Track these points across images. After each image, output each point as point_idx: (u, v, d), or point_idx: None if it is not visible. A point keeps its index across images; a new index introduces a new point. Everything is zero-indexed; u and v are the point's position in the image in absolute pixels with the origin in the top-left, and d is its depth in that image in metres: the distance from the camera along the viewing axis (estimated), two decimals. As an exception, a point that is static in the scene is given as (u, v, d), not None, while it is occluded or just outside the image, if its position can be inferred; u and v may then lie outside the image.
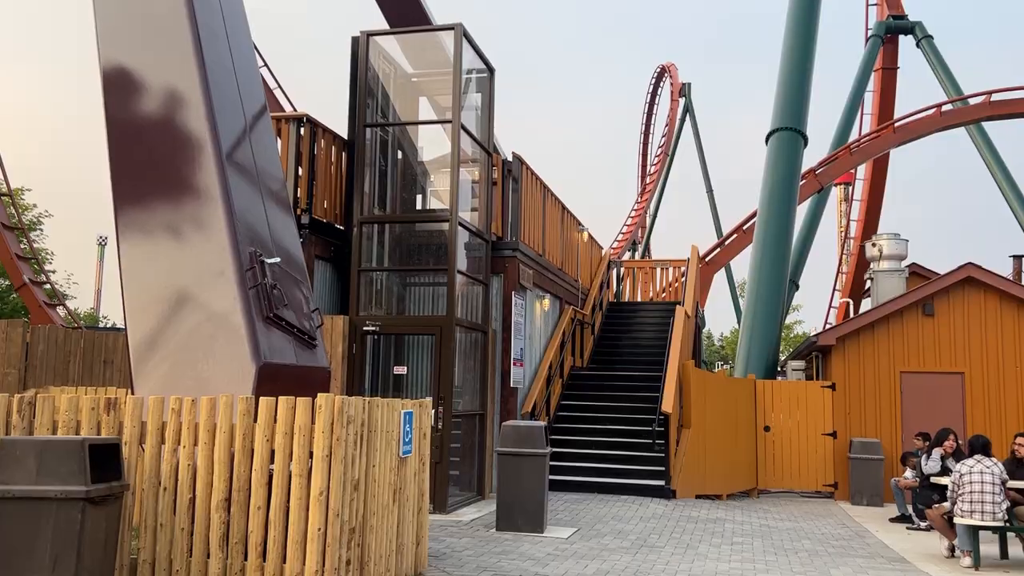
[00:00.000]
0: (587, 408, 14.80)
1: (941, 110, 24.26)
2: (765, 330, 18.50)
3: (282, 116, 11.41)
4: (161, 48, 7.27)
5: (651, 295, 21.40)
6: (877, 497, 13.96)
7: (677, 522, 10.56)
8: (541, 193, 14.70)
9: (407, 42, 12.97)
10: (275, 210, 7.66)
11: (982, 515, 8.40)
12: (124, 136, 7.16)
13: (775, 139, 20.32)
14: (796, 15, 21.17)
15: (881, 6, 30.27)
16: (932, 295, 15.13)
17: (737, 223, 23.85)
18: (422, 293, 12.67)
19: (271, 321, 6.79)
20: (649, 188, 36.59)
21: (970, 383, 14.82)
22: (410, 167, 13.09)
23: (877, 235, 19.72)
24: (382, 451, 6.25)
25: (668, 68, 42.01)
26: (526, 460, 9.34)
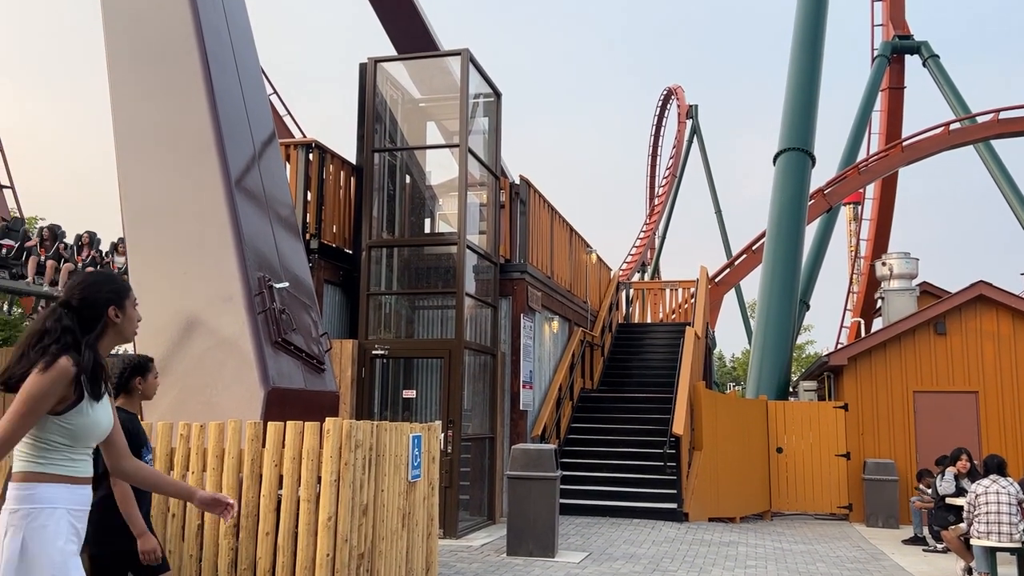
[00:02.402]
0: (598, 431, 14.72)
1: (949, 129, 24.25)
2: (776, 350, 18.41)
3: (291, 142, 11.50)
4: (171, 76, 7.36)
5: (661, 316, 21.35)
6: (892, 519, 13.80)
7: (690, 546, 10.45)
8: (549, 215, 14.73)
9: (414, 68, 13.08)
10: (284, 235, 7.70)
11: (999, 536, 8.29)
12: (134, 163, 7.23)
13: (783, 159, 20.34)
14: (802, 36, 21.27)
15: (887, 26, 30.37)
16: (944, 314, 15.04)
17: (746, 244, 23.82)
18: (431, 316, 12.67)
19: (280, 346, 6.80)
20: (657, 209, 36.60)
21: (984, 402, 14.68)
22: (418, 191, 13.16)
23: (887, 254, 19.66)
24: (391, 475, 6.22)
25: (675, 90, 42.17)
26: (536, 484, 9.28)
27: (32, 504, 2.59)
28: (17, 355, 2.66)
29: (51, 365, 2.59)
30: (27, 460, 2.64)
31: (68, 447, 2.67)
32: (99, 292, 2.80)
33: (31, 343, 2.67)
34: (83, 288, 2.79)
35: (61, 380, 2.59)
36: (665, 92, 43.27)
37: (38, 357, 2.62)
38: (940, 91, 29.30)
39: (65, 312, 2.73)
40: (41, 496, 2.60)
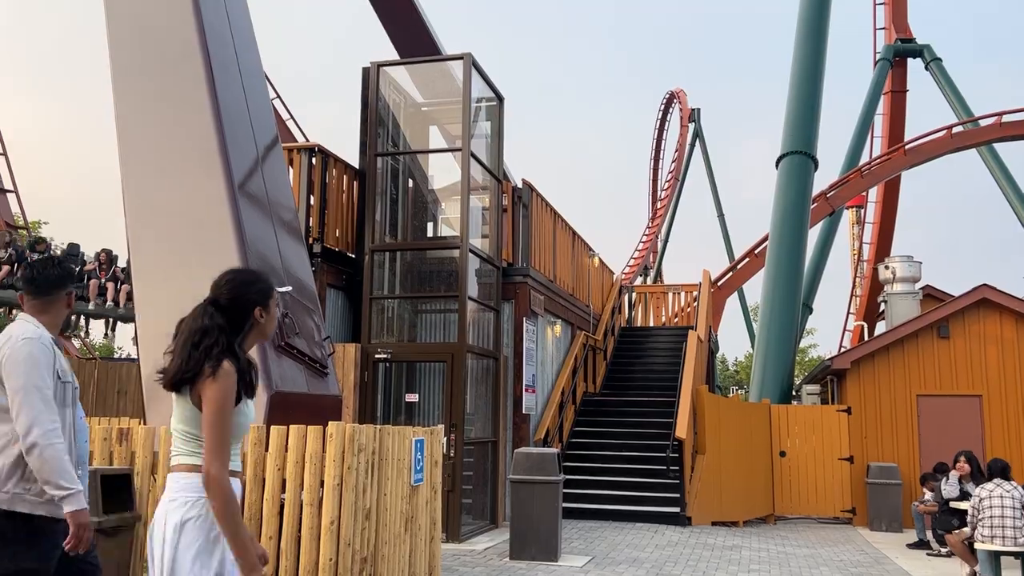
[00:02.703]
0: (600, 434, 14.71)
1: (952, 132, 24.23)
2: (779, 354, 18.39)
3: (294, 146, 11.52)
4: (174, 81, 7.38)
5: (663, 320, 21.34)
6: (896, 523, 13.77)
7: (693, 549, 10.44)
8: (551, 219, 14.74)
9: (417, 72, 13.11)
10: (287, 239, 7.71)
11: (1003, 540, 8.26)
12: (138, 168, 7.24)
13: (785, 163, 20.34)
14: (804, 39, 21.27)
15: (889, 30, 30.37)
16: (947, 317, 15.02)
17: (749, 247, 23.80)
18: (433, 320, 12.68)
19: (283, 350, 6.81)
20: (660, 213, 36.61)
21: (988, 405, 14.65)
22: (421, 195, 13.17)
23: (890, 257, 19.64)
24: (393, 479, 6.22)
25: (677, 94, 42.21)
26: (539, 487, 9.27)
27: (194, 492, 2.70)
28: (184, 355, 2.75)
29: (218, 370, 2.69)
30: (189, 454, 2.76)
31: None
32: (247, 292, 2.87)
33: (194, 341, 2.75)
34: (232, 287, 2.87)
35: (234, 381, 2.72)
36: (667, 96, 43.31)
37: (203, 357, 2.71)
38: (942, 94, 29.29)
39: (215, 311, 2.81)
40: (202, 487, 2.69)
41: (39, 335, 3.32)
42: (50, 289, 3.46)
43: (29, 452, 3.15)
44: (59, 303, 3.48)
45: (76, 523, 3.15)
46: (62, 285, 3.48)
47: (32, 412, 3.15)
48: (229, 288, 2.86)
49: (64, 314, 3.50)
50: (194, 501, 2.70)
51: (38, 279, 3.46)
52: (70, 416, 3.38)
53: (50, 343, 3.34)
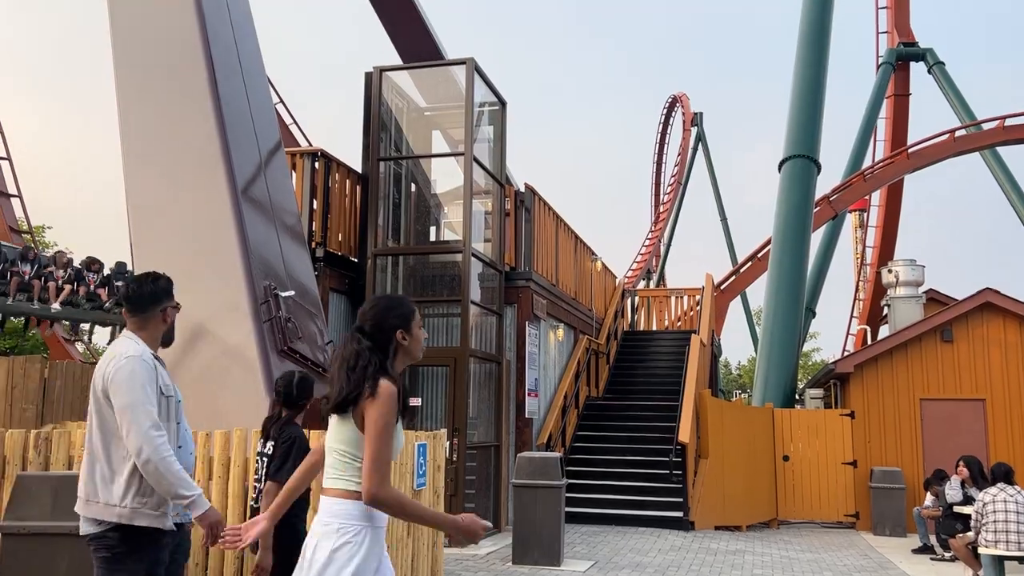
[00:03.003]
0: (603, 438, 14.70)
1: (955, 136, 24.22)
2: (782, 358, 18.37)
3: (297, 151, 11.54)
4: (178, 86, 7.40)
5: (666, 324, 21.32)
6: (900, 527, 13.73)
7: (696, 554, 10.42)
8: (554, 223, 14.75)
9: (420, 76, 13.13)
10: (289, 244, 7.73)
11: (1007, 545, 8.24)
12: (141, 173, 7.26)
13: (788, 167, 20.33)
14: (807, 43, 21.28)
15: (891, 34, 30.37)
16: (950, 321, 14.99)
17: (752, 251, 23.79)
18: (436, 324, 12.68)
19: (285, 354, 6.82)
20: (663, 217, 36.61)
21: (992, 409, 14.62)
22: (423, 199, 13.19)
23: (893, 261, 19.62)
24: (396, 484, 6.22)
25: (680, 98, 42.24)
26: (542, 492, 9.27)
27: (348, 520, 2.76)
28: (343, 378, 2.83)
29: (378, 390, 2.77)
30: (345, 478, 2.81)
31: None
32: (387, 318, 2.96)
33: (350, 365, 2.84)
34: (374, 314, 2.97)
35: (396, 402, 2.79)
36: (670, 100, 43.35)
37: (361, 378, 2.80)
38: (945, 98, 29.28)
39: (362, 336, 2.92)
40: (357, 513, 2.76)
41: (140, 352, 3.40)
42: (146, 306, 3.54)
43: (145, 468, 3.25)
44: (156, 319, 3.55)
45: (207, 523, 3.26)
46: (157, 301, 3.55)
47: (140, 429, 3.24)
48: (372, 315, 2.97)
49: (162, 329, 3.56)
50: (346, 528, 2.75)
51: (133, 296, 3.56)
52: (173, 429, 3.46)
53: (151, 359, 3.43)
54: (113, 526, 3.26)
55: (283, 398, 4.73)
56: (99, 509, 3.30)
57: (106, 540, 3.27)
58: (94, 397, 3.40)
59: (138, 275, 3.71)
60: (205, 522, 3.25)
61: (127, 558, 3.27)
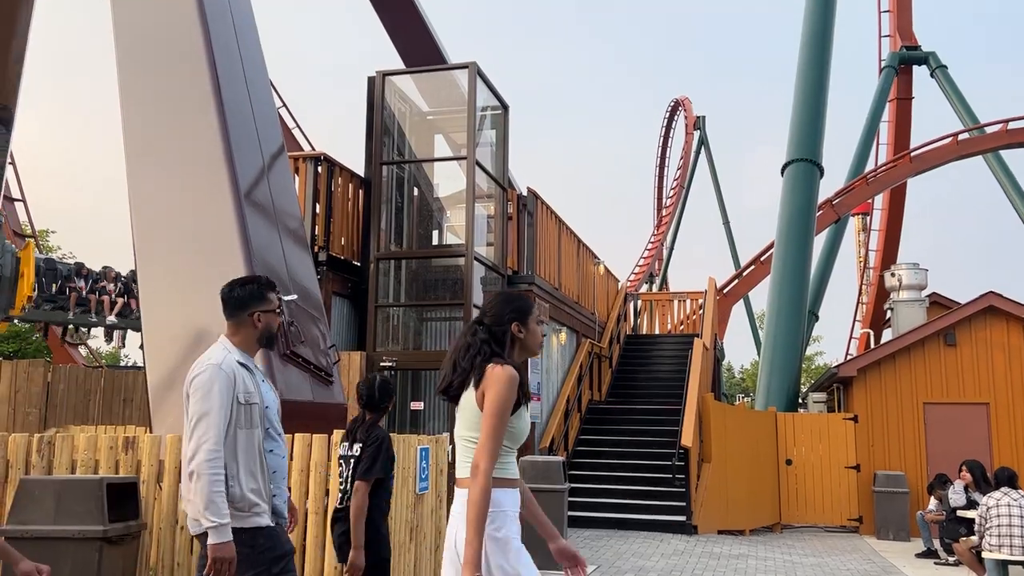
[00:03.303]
0: (606, 442, 14.68)
1: (957, 139, 24.19)
2: (785, 362, 18.34)
3: (300, 155, 11.57)
4: (181, 91, 7.42)
5: (669, 328, 21.31)
6: (903, 531, 13.69)
7: (699, 558, 10.40)
8: (556, 227, 14.75)
9: (422, 81, 13.16)
10: (292, 248, 7.74)
11: (1011, 549, 8.21)
12: (144, 177, 7.28)
13: (791, 170, 20.31)
14: (809, 46, 21.28)
15: (894, 37, 30.36)
16: (954, 325, 14.96)
17: (755, 254, 23.77)
18: (438, 328, 12.69)
19: (288, 358, 6.82)
20: (665, 221, 36.60)
21: (995, 413, 14.58)
22: (426, 203, 13.20)
23: (896, 265, 19.59)
24: (398, 488, 6.22)
25: (682, 102, 42.26)
26: (544, 496, 9.25)
27: (494, 507, 2.84)
28: (449, 367, 3.04)
29: (493, 373, 2.89)
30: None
31: (509, 450, 2.95)
32: (504, 311, 3.11)
33: (460, 355, 3.02)
34: (491, 307, 3.14)
35: (514, 384, 2.88)
36: (672, 103, 43.36)
37: (469, 366, 2.97)
38: (948, 101, 29.25)
39: (479, 328, 3.08)
40: (497, 500, 2.84)
41: (223, 360, 3.45)
42: (235, 310, 3.60)
43: (188, 475, 3.30)
44: (247, 323, 3.59)
45: (215, 555, 3.22)
46: (244, 306, 3.59)
47: (201, 440, 3.29)
48: (491, 308, 3.13)
49: (253, 334, 3.58)
50: (495, 514, 2.83)
51: (225, 300, 3.63)
52: (257, 436, 3.48)
53: (232, 368, 3.44)
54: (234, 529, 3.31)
55: (365, 401, 4.84)
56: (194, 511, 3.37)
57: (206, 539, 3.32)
58: (184, 399, 3.48)
59: (233, 279, 3.76)
60: (217, 553, 3.23)
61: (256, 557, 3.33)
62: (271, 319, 3.62)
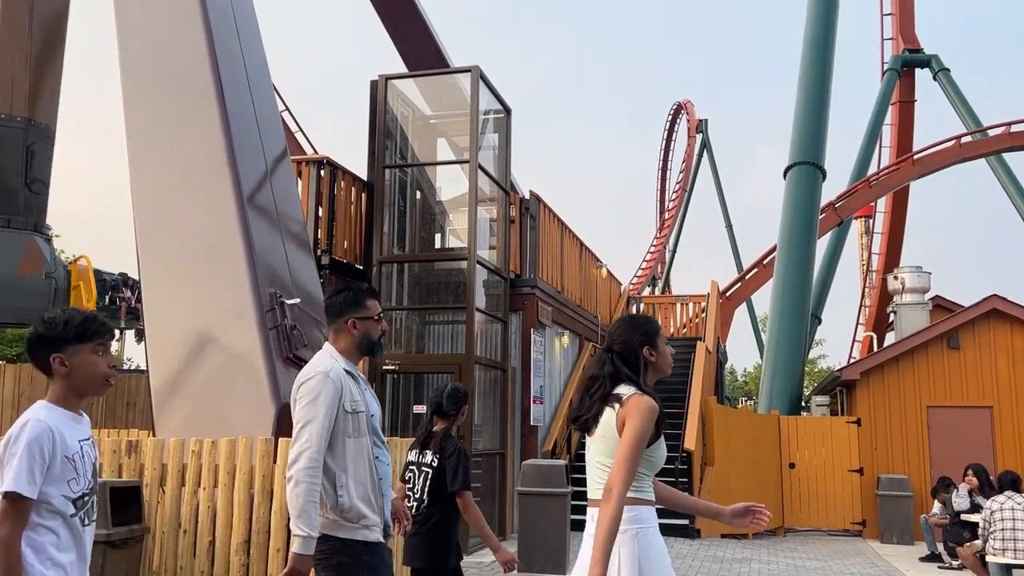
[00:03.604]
0: (609, 446, 14.65)
1: (960, 142, 24.17)
2: (788, 365, 18.31)
3: (303, 159, 11.58)
4: (185, 95, 7.43)
5: (672, 331, 21.29)
6: (907, 535, 13.66)
7: (703, 562, 10.39)
8: (559, 230, 14.75)
9: (425, 84, 13.17)
10: (295, 251, 7.74)
11: (1015, 553, 8.20)
12: (148, 181, 7.29)
13: (793, 174, 20.30)
14: (812, 49, 21.28)
15: (896, 40, 30.34)
16: (957, 328, 14.93)
17: (757, 257, 23.76)
18: (441, 331, 12.69)
19: (291, 362, 6.82)
20: (668, 223, 36.58)
21: (999, 417, 14.54)
22: (428, 207, 13.21)
23: (899, 268, 19.57)
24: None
25: (684, 105, 42.26)
26: (547, 500, 9.24)
27: (639, 524, 3.01)
28: (578, 399, 3.17)
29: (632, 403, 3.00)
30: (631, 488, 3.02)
31: (646, 476, 3.10)
32: (634, 336, 3.19)
33: (588, 388, 3.14)
34: (620, 334, 3.21)
35: (654, 416, 3.01)
36: (675, 107, 43.36)
37: (602, 397, 3.07)
38: (951, 105, 29.23)
39: (609, 357, 3.15)
40: (643, 517, 3.04)
41: (329, 368, 3.44)
42: (333, 317, 3.60)
43: (288, 480, 3.28)
44: (344, 330, 3.58)
45: (294, 565, 3.20)
46: (341, 313, 3.58)
47: (300, 446, 3.28)
48: (620, 335, 3.21)
49: (352, 341, 3.57)
50: (636, 531, 2.99)
51: (327, 308, 3.65)
52: (365, 444, 3.48)
53: (339, 376, 3.44)
54: (321, 536, 3.30)
55: (435, 408, 4.89)
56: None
57: (317, 548, 3.32)
58: (291, 403, 3.49)
59: (337, 287, 3.83)
60: (296, 564, 3.21)
61: (332, 569, 3.32)
62: (369, 326, 3.60)
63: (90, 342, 2.66)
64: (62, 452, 2.57)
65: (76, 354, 2.64)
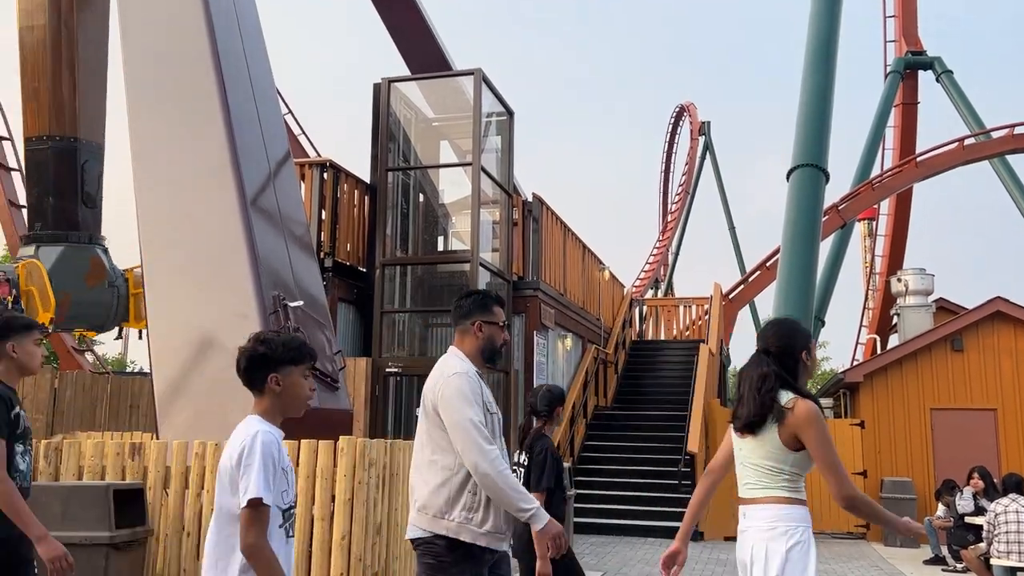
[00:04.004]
0: (612, 448, 14.65)
1: (964, 144, 24.13)
2: (791, 368, 18.28)
3: (306, 162, 11.61)
4: (188, 97, 7.45)
5: (675, 333, 21.28)
6: (911, 538, 13.61)
7: (706, 565, 10.37)
8: (562, 232, 14.75)
9: (428, 87, 13.19)
10: (298, 254, 7.75)
11: (1019, 556, 8.17)
12: (151, 183, 7.30)
13: (796, 176, 20.27)
14: (815, 51, 21.27)
15: (899, 42, 30.32)
16: (961, 330, 14.90)
17: (760, 260, 23.73)
18: (444, 334, 12.69)
19: (294, 364, 6.83)
20: (671, 226, 36.53)
21: (1003, 419, 14.50)
22: (431, 209, 13.22)
23: (903, 270, 19.54)
24: (405, 494, 6.22)
25: (687, 107, 42.23)
26: (550, 502, 9.23)
27: (795, 522, 3.18)
28: (752, 399, 3.20)
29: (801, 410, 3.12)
30: (776, 487, 3.24)
31: (801, 478, 3.28)
32: (794, 339, 3.30)
33: (757, 387, 3.19)
34: (778, 338, 3.30)
35: (822, 416, 3.18)
36: (677, 109, 43.34)
37: (769, 400, 3.16)
38: (954, 107, 29.19)
39: (767, 359, 3.24)
40: (798, 516, 3.21)
41: (466, 369, 3.46)
42: (460, 318, 3.62)
43: (484, 483, 3.27)
44: (470, 333, 3.58)
45: (548, 536, 3.26)
46: (468, 316, 3.59)
47: (475, 445, 3.27)
48: (777, 338, 3.28)
49: (477, 344, 3.55)
50: (794, 529, 3.15)
51: (453, 311, 3.67)
52: (497, 446, 3.49)
53: (475, 375, 3.46)
54: (440, 536, 3.32)
55: (531, 409, 4.96)
56: (428, 520, 3.36)
57: (433, 548, 3.34)
58: (424, 412, 3.48)
59: (462, 291, 3.83)
60: (546, 536, 3.24)
61: (450, 568, 3.32)
62: (494, 331, 3.58)
63: (301, 365, 2.86)
64: (280, 464, 2.73)
65: (289, 375, 2.84)
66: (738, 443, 3.27)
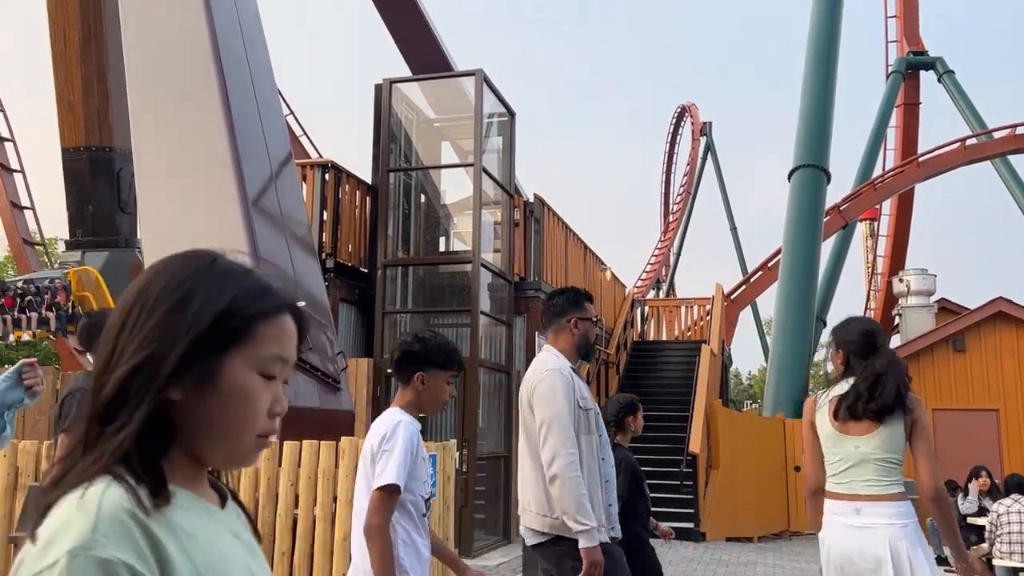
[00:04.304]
0: (613, 449, 14.63)
1: (965, 144, 24.13)
2: (793, 368, 18.29)
3: (307, 162, 11.61)
4: (189, 99, 7.46)
5: (676, 334, 21.26)
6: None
7: (707, 566, 10.37)
8: (563, 233, 14.76)
9: (429, 88, 13.19)
10: (300, 254, 7.76)
11: (1022, 556, 8.17)
12: (152, 184, 7.31)
13: (797, 176, 20.29)
14: (816, 52, 21.28)
15: (901, 43, 30.32)
16: (962, 331, 14.91)
17: (762, 260, 23.73)
18: (446, 335, 12.65)
19: (295, 365, 6.83)
20: (672, 226, 36.55)
21: (1005, 419, 14.51)
22: (433, 210, 13.22)
23: (904, 271, 19.55)
24: (406, 495, 6.22)
25: (689, 108, 42.25)
26: (552, 503, 9.23)
27: (911, 518, 3.33)
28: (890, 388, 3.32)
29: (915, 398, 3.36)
30: (897, 482, 3.39)
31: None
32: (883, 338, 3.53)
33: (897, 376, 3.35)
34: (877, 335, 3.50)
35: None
36: (679, 109, 43.35)
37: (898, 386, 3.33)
38: (956, 107, 29.18)
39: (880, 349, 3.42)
40: (912, 511, 3.35)
41: (560, 366, 3.48)
42: (554, 317, 3.65)
43: (551, 482, 3.30)
44: (565, 330, 3.61)
45: (591, 559, 3.23)
46: (563, 313, 3.63)
47: (554, 444, 3.29)
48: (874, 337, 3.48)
49: (571, 341, 3.59)
50: (914, 524, 3.31)
51: (546, 309, 3.71)
52: (595, 442, 3.51)
53: (569, 373, 3.48)
54: (551, 537, 3.33)
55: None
56: (532, 518, 3.39)
57: (545, 550, 3.35)
58: (521, 409, 3.52)
59: (553, 290, 3.86)
60: (589, 558, 3.23)
61: (569, 568, 3.31)
62: (588, 327, 3.63)
63: (448, 371, 2.97)
64: (420, 454, 2.87)
65: (435, 377, 2.96)
66: (851, 441, 3.32)
